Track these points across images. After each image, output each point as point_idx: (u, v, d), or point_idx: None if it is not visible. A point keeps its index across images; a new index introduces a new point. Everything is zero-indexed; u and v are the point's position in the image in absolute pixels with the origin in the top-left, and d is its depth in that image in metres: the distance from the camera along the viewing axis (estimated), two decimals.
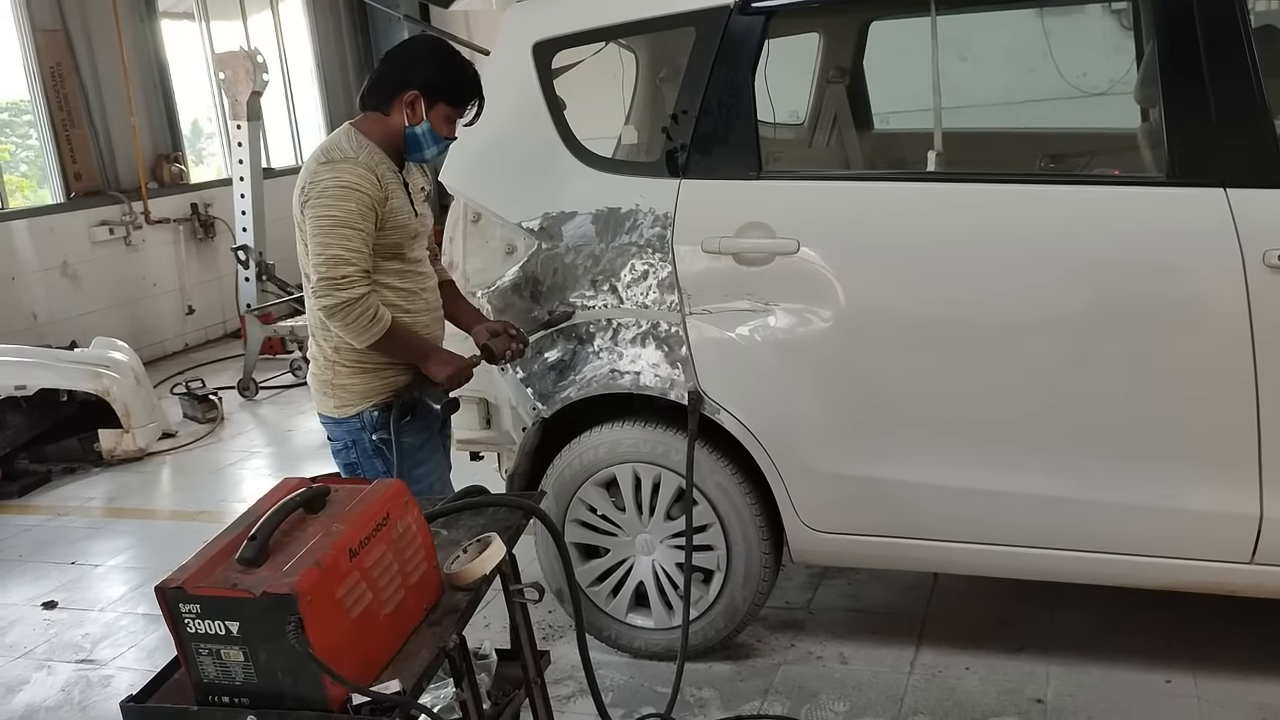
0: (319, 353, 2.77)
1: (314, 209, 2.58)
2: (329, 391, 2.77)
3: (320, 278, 2.57)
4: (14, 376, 5.51)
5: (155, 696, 1.73)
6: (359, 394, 2.74)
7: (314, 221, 2.58)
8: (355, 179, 2.58)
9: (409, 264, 2.77)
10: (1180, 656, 3.02)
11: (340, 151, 2.62)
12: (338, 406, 2.76)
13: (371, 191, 2.59)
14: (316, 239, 2.57)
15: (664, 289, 2.98)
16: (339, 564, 1.68)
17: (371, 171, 2.61)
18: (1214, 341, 2.61)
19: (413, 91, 2.66)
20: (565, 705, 3.02)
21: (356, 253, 2.57)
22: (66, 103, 7.69)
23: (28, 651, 3.71)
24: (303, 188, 2.62)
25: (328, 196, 2.57)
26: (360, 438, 2.76)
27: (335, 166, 2.59)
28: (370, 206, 2.59)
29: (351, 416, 2.75)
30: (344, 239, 2.56)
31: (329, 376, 2.75)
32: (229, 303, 8.54)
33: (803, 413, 2.92)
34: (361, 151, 2.63)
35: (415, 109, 2.67)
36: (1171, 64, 2.62)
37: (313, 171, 2.61)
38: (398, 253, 2.72)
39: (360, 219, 2.57)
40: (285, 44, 10.19)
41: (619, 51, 3.58)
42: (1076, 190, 2.81)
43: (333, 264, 2.55)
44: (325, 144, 2.68)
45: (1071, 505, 2.74)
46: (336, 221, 2.56)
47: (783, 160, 3.78)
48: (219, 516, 4.84)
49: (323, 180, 2.58)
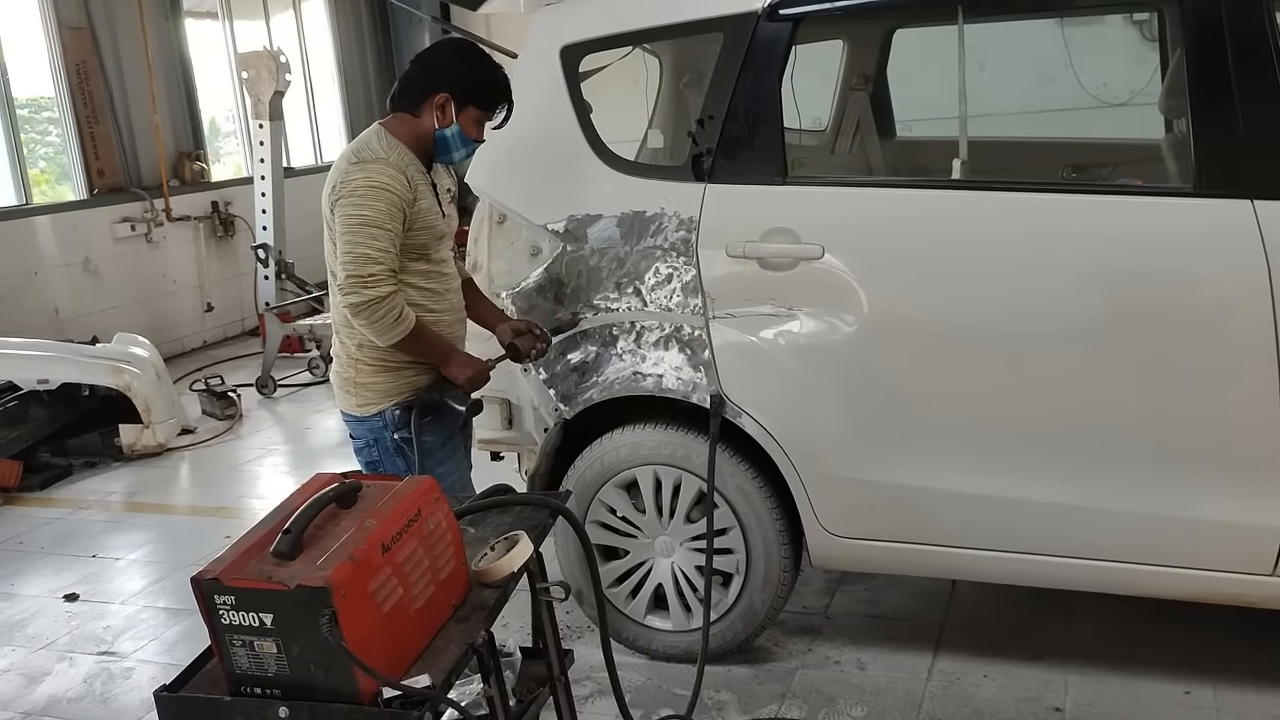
0: (342, 350, 2.80)
1: (344, 208, 2.60)
2: (351, 390, 2.79)
3: (348, 275, 2.59)
4: (37, 371, 5.57)
5: (188, 687, 1.75)
6: (381, 392, 2.76)
7: (343, 220, 2.60)
8: (385, 179, 2.60)
9: (434, 264, 2.79)
10: (1199, 667, 3.02)
11: (371, 152, 2.65)
12: (360, 405, 2.79)
13: (401, 192, 2.62)
14: (345, 237, 2.60)
15: (688, 292, 2.99)
16: (372, 559, 1.70)
17: (401, 172, 2.64)
18: (1237, 352, 2.61)
19: (443, 94, 2.68)
20: (585, 705, 3.03)
21: (384, 252, 2.60)
22: (91, 100, 7.76)
23: (49, 643, 3.74)
24: (334, 186, 2.65)
25: (358, 196, 2.59)
26: (382, 436, 2.79)
27: (366, 166, 2.62)
28: (399, 207, 2.62)
29: (374, 415, 2.77)
30: (372, 238, 2.58)
31: (351, 374, 2.78)
32: (248, 300, 8.60)
33: (824, 417, 2.93)
34: (392, 152, 2.66)
35: (445, 111, 2.70)
36: (1199, 75, 2.62)
37: (344, 171, 2.64)
38: (424, 253, 2.75)
39: (389, 219, 2.60)
40: (307, 44, 10.25)
41: (643, 56, 3.61)
42: (1101, 200, 2.81)
43: (360, 262, 2.58)
44: (356, 144, 2.71)
45: (1092, 514, 2.75)
46: (366, 221, 2.58)
47: (806, 166, 3.79)
48: (237, 513, 4.88)
49: (354, 180, 2.61)
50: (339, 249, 2.62)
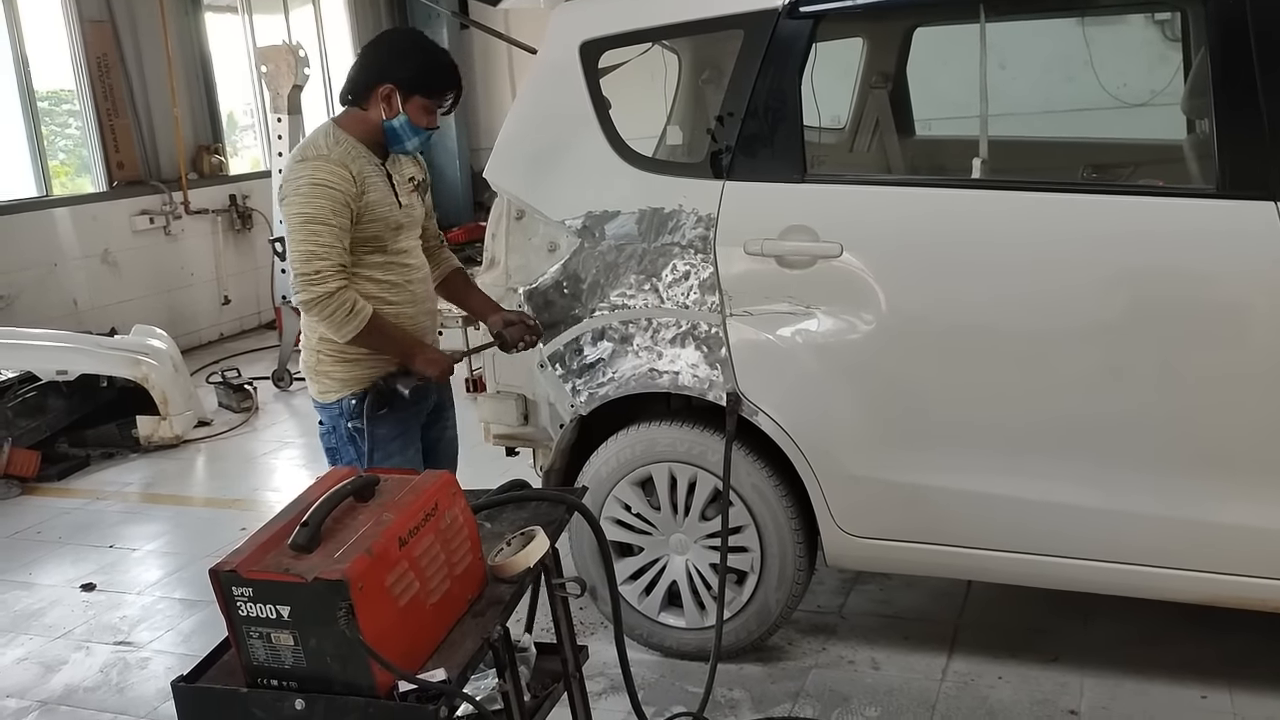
0: (307, 340, 2.87)
1: (288, 206, 2.66)
2: (314, 377, 2.86)
3: (296, 274, 2.65)
4: (55, 362, 5.60)
5: (205, 678, 1.76)
6: (340, 381, 2.81)
7: (288, 219, 2.66)
8: (326, 175, 2.63)
9: (392, 255, 2.81)
10: (1217, 672, 2.99)
11: (315, 149, 2.69)
12: (321, 392, 2.85)
13: (343, 187, 2.64)
14: (291, 235, 2.65)
15: (705, 290, 2.99)
16: (389, 552, 1.70)
17: (344, 167, 2.66)
18: (1261, 355, 2.59)
19: (388, 85, 2.71)
20: (597, 701, 3.03)
21: (329, 248, 2.63)
22: (111, 93, 7.80)
23: (67, 632, 3.77)
24: (280, 185, 2.72)
25: (300, 195, 2.63)
26: (339, 423, 2.85)
27: (309, 164, 2.65)
28: (343, 202, 2.64)
29: (333, 402, 2.83)
30: (314, 235, 2.62)
31: (314, 363, 2.84)
32: (264, 294, 8.62)
33: (841, 417, 2.92)
34: (336, 148, 2.69)
35: (391, 102, 2.72)
36: (1223, 75, 2.60)
37: (289, 169, 2.70)
38: (379, 245, 2.77)
39: (332, 214, 2.63)
40: (326, 38, 10.28)
41: (662, 53, 3.60)
42: (1122, 201, 2.79)
43: (305, 259, 2.62)
44: (303, 141, 2.76)
45: (1112, 516, 2.73)
46: (307, 218, 2.62)
47: (825, 164, 3.78)
48: (253, 505, 4.90)
49: (297, 178, 2.65)
50: (287, 246, 2.68)
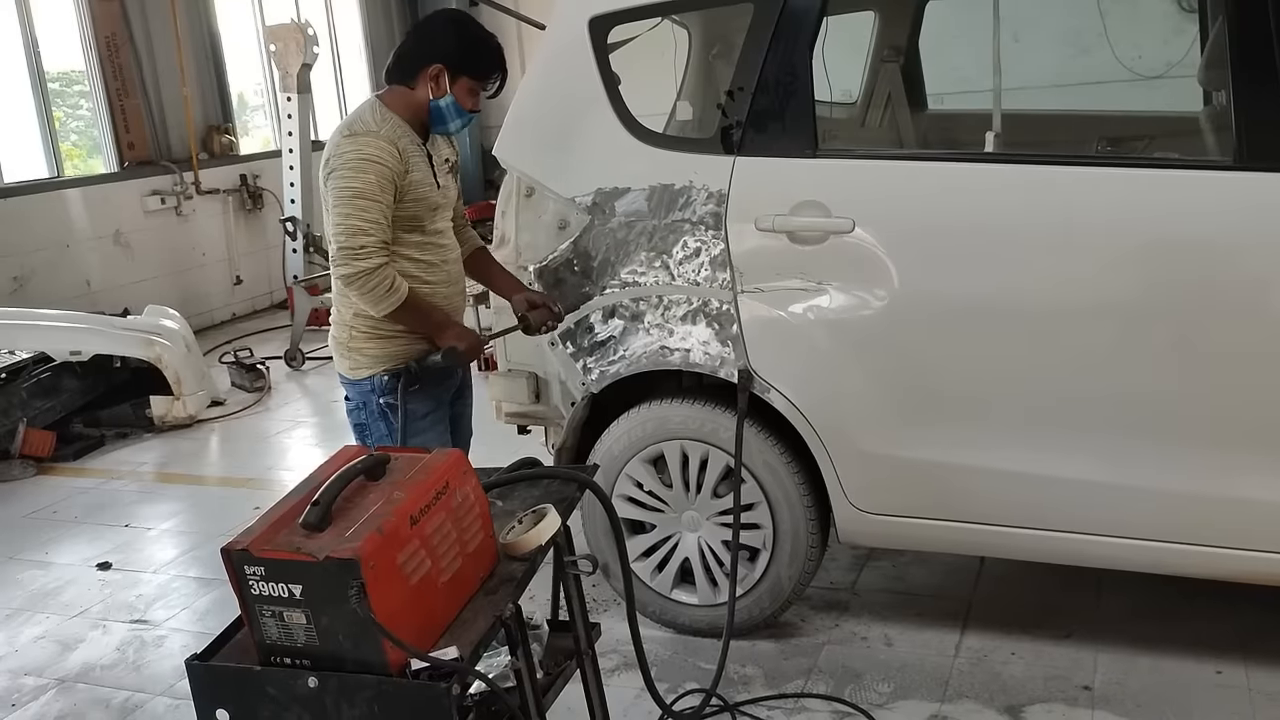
0: (339, 316, 2.86)
1: (335, 180, 2.65)
2: (345, 353, 2.85)
3: (339, 247, 2.64)
4: (69, 342, 5.63)
5: (219, 656, 1.77)
6: (373, 358, 2.81)
7: (335, 192, 2.65)
8: (376, 151, 2.63)
9: (429, 236, 2.82)
10: (1231, 647, 2.98)
11: (363, 124, 2.67)
12: (352, 368, 2.85)
13: (391, 164, 2.64)
14: (336, 209, 2.64)
15: (716, 266, 2.97)
16: (400, 531, 1.70)
17: (393, 145, 2.66)
18: (1277, 327, 2.56)
19: (437, 65, 2.71)
20: (610, 678, 3.03)
21: (374, 224, 2.63)
22: (121, 73, 7.79)
23: (83, 611, 3.80)
24: (327, 159, 2.69)
25: (348, 168, 2.62)
26: (369, 399, 2.85)
27: (357, 139, 2.64)
28: (390, 179, 2.64)
29: (364, 379, 2.83)
30: (362, 210, 2.62)
31: (345, 339, 2.83)
32: (276, 273, 8.64)
33: (853, 393, 2.91)
34: (384, 125, 2.68)
35: (439, 82, 2.72)
36: (1241, 46, 2.57)
37: (336, 144, 2.68)
38: (417, 224, 2.77)
39: (379, 191, 2.63)
40: (335, 17, 10.24)
41: (671, 27, 3.57)
42: (1138, 174, 2.76)
43: (351, 234, 2.62)
44: (350, 117, 2.74)
45: (1126, 492, 2.71)
46: (355, 193, 2.61)
47: (837, 139, 3.75)
48: (266, 484, 4.92)
49: (345, 152, 2.64)
50: (330, 221, 2.67)
